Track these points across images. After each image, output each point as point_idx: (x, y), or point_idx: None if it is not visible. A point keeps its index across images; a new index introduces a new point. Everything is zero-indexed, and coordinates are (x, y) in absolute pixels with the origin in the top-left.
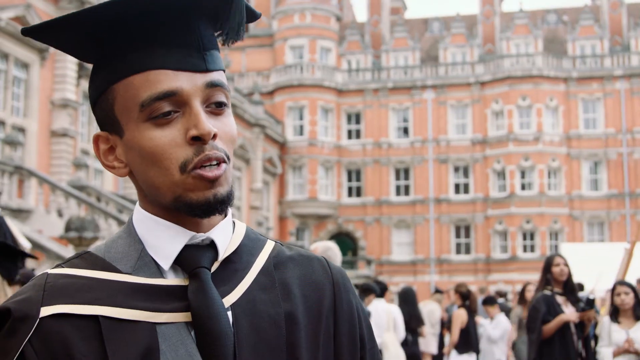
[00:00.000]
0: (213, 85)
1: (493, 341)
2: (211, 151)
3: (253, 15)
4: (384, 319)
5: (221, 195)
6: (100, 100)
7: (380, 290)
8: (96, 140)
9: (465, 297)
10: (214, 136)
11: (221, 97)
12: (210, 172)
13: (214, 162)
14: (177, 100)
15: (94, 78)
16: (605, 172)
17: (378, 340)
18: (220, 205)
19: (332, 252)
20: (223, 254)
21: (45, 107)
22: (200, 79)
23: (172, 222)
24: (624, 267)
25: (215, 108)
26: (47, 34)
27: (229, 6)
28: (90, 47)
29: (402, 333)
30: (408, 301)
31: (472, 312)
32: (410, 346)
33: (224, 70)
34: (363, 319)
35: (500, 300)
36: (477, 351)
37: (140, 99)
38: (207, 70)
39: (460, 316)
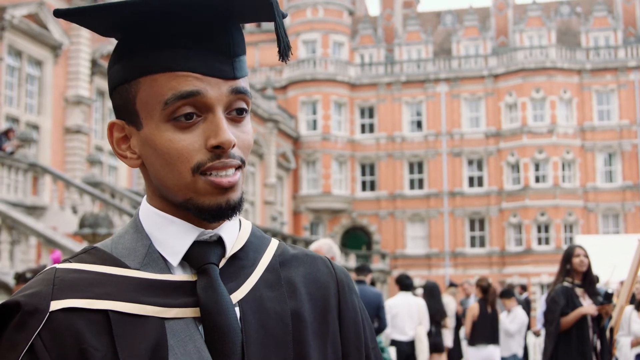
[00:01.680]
0: (237, 92)
1: (510, 335)
2: (227, 159)
3: (281, 16)
4: (415, 312)
5: (233, 202)
6: (122, 89)
7: (409, 285)
8: (111, 127)
9: (485, 290)
10: (233, 145)
11: (243, 104)
12: (225, 180)
13: (230, 171)
14: (201, 105)
15: (117, 63)
16: (619, 164)
17: (411, 332)
18: (231, 212)
19: (335, 249)
20: (230, 250)
21: (59, 104)
22: (226, 85)
23: (180, 218)
24: (637, 259)
25: (237, 115)
26: (80, 19)
27: (270, 13)
28: (120, 30)
29: (428, 325)
30: (434, 295)
31: (489, 305)
32: (435, 336)
33: (247, 76)
34: (365, 318)
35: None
36: (495, 342)
37: (165, 97)
38: (234, 77)
39: (471, 310)
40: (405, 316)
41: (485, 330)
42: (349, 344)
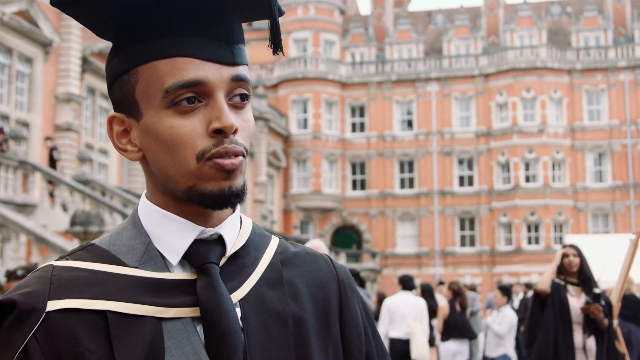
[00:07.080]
0: (238, 79)
1: (500, 337)
2: (230, 145)
3: (279, 12)
4: (413, 310)
5: (236, 188)
6: (120, 81)
7: (412, 286)
8: (111, 121)
9: (456, 293)
10: (235, 130)
11: (244, 91)
12: (227, 161)
13: (232, 156)
14: (202, 91)
15: (115, 57)
16: (609, 164)
17: (406, 329)
18: (234, 199)
19: (324, 249)
20: (231, 249)
21: (49, 101)
22: (227, 71)
23: (180, 215)
24: (629, 258)
25: (238, 101)
26: (76, 7)
27: (267, 7)
28: (116, 26)
29: (426, 324)
30: (432, 295)
31: (459, 305)
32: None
33: (247, 65)
34: (367, 317)
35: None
36: (462, 338)
37: (165, 84)
38: (234, 63)
39: (442, 309)
40: (405, 314)
41: (455, 328)
42: (351, 345)
